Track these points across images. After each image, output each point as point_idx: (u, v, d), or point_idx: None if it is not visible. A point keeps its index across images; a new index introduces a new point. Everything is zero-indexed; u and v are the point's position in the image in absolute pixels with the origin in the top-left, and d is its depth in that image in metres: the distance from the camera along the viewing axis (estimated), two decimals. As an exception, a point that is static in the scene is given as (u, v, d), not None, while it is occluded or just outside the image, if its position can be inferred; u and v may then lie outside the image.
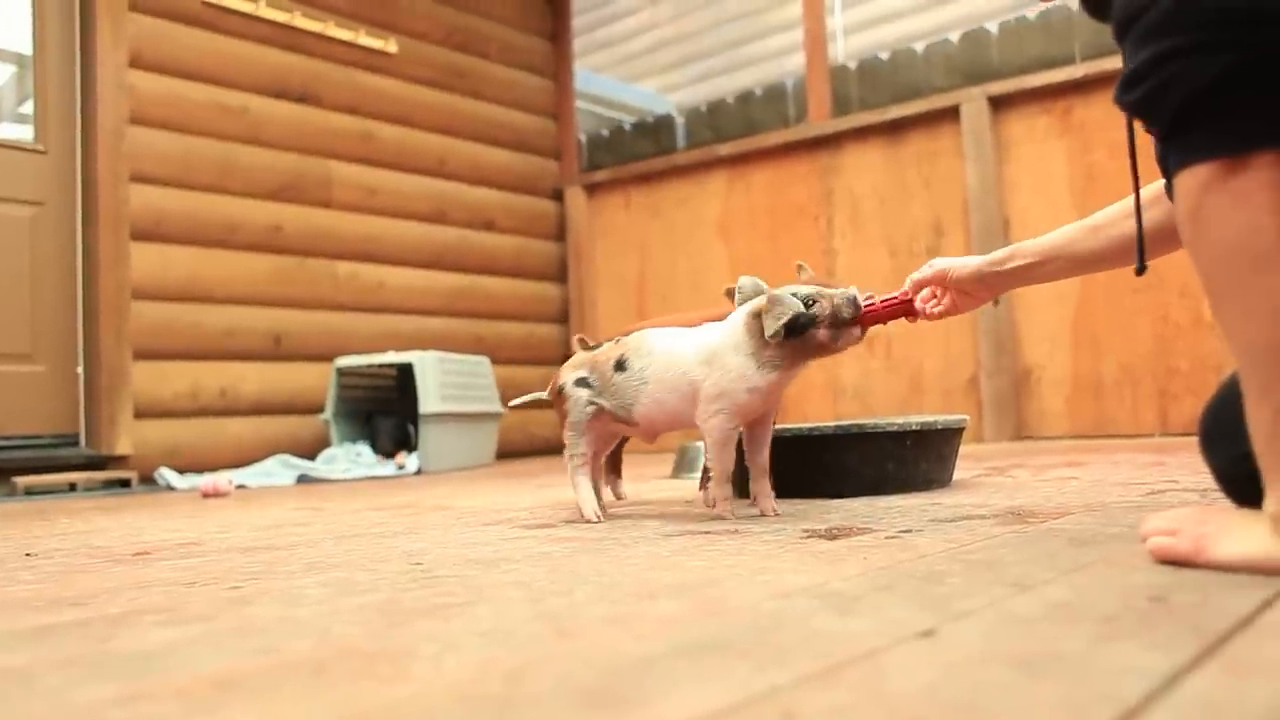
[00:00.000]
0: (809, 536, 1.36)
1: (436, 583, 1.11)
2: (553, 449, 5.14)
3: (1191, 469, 2.17)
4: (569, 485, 1.77)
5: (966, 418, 2.14)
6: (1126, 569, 0.98)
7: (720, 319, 1.69)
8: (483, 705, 0.61)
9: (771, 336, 1.50)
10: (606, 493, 2.06)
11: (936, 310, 1.61)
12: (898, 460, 1.94)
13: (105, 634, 0.89)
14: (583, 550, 1.33)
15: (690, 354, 1.60)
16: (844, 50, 4.51)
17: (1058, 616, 0.79)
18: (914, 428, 1.95)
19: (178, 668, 0.75)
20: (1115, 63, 3.70)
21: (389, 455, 4.06)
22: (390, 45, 4.58)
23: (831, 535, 1.36)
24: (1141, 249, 1.15)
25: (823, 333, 1.53)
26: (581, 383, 1.70)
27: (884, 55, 4.34)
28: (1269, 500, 0.91)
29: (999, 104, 4.00)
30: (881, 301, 1.63)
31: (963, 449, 2.87)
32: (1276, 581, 0.88)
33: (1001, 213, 3.96)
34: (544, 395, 1.83)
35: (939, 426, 2.00)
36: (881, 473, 1.92)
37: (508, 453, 4.71)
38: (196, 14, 3.95)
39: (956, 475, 2.25)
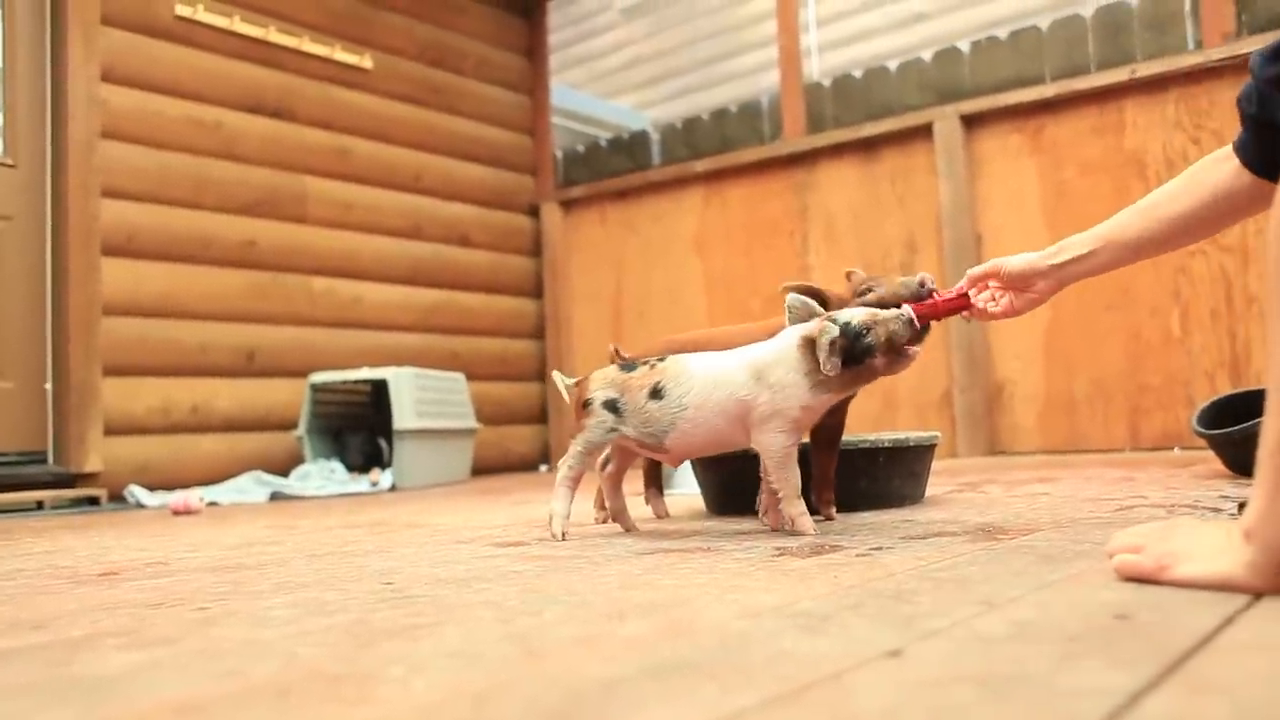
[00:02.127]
0: (781, 554, 1.36)
1: (407, 603, 1.10)
2: (528, 465, 5.13)
3: (1161, 485, 2.20)
4: (544, 502, 1.76)
5: (938, 434, 2.15)
6: (1093, 586, 0.99)
7: (751, 334, 1.69)
8: (447, 730, 0.61)
9: (829, 371, 1.49)
10: (626, 506, 2.02)
11: (995, 310, 1.60)
12: (870, 477, 1.95)
13: (65, 658, 0.88)
14: (555, 569, 1.33)
15: (739, 373, 1.57)
16: (818, 68, 4.54)
17: (1023, 636, 0.79)
18: (886, 445, 1.96)
19: (139, 693, 0.74)
20: (1084, 83, 3.76)
21: (361, 470, 4.04)
22: (365, 61, 4.57)
23: (803, 553, 1.36)
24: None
25: (879, 360, 1.52)
26: (610, 405, 1.64)
27: (858, 73, 4.38)
28: (1248, 513, 0.91)
29: (971, 122, 4.04)
30: (942, 298, 1.65)
31: (936, 464, 2.88)
32: (1239, 598, 0.89)
33: (974, 229, 3.99)
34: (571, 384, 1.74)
35: (911, 443, 2.01)
36: (854, 489, 1.92)
37: (483, 469, 4.69)
38: (169, 28, 3.93)
39: (929, 491, 2.27)
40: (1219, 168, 1.27)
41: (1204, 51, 3.56)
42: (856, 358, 1.51)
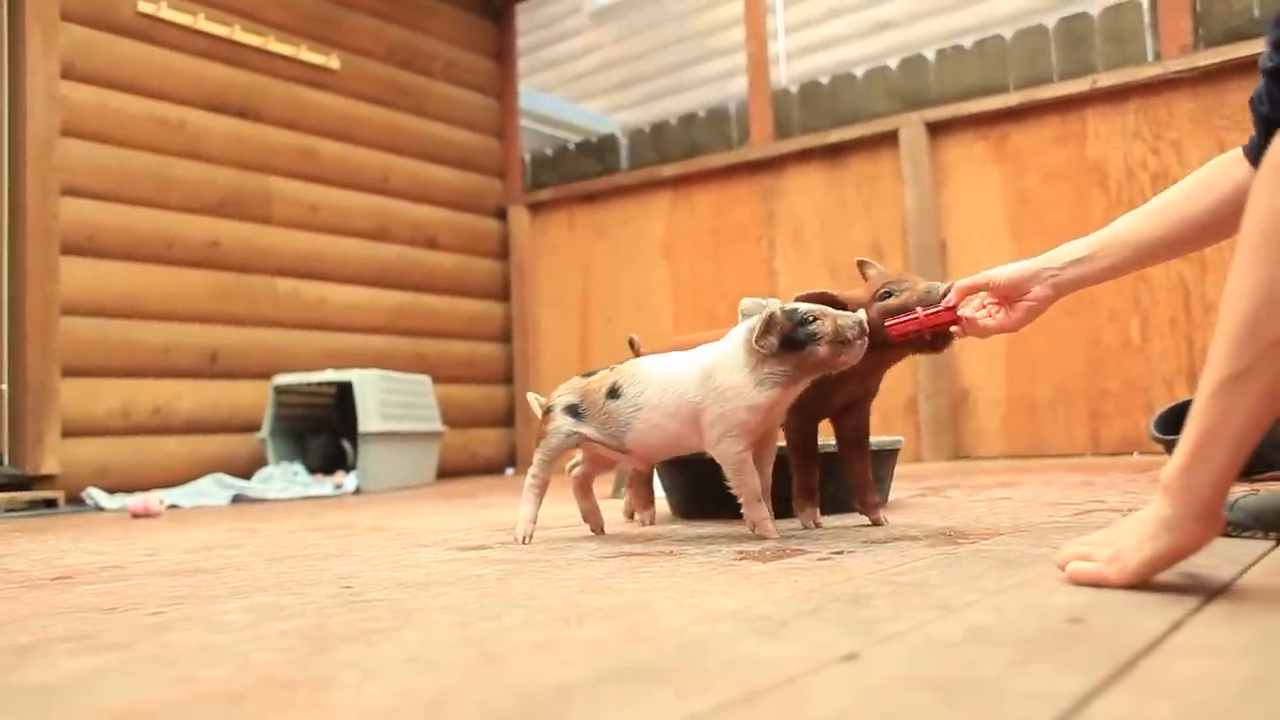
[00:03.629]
0: (742, 558, 1.36)
1: (365, 607, 1.09)
2: (493, 468, 5.11)
3: (1119, 489, 2.22)
4: (509, 506, 1.76)
5: (901, 439, 2.16)
6: (1048, 591, 1.00)
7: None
8: (399, 736, 0.61)
9: (758, 343, 1.47)
10: (604, 513, 2.04)
11: (990, 324, 1.51)
12: (836, 481, 1.96)
13: (12, 664, 0.86)
14: (516, 573, 1.32)
15: (689, 376, 1.56)
16: (786, 74, 4.56)
17: (978, 640, 0.80)
18: (850, 449, 1.97)
19: (85, 700, 0.72)
20: (1047, 92, 3.81)
21: (325, 473, 4.00)
22: (332, 61, 4.54)
23: (764, 557, 1.36)
24: None
25: (822, 349, 1.48)
26: (570, 410, 1.65)
27: (825, 80, 4.41)
28: (1168, 467, 0.94)
29: (936, 129, 4.08)
30: (925, 312, 1.55)
31: (901, 469, 2.90)
32: (1189, 601, 0.91)
33: (939, 235, 4.03)
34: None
35: (874, 448, 2.02)
36: (819, 493, 1.93)
37: (449, 472, 4.67)
38: (131, 25, 3.88)
39: (893, 495, 2.28)
40: (1231, 170, 1.23)
41: (1163, 63, 3.62)
42: (798, 343, 1.48)
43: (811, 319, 1.49)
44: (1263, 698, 0.62)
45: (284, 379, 4.03)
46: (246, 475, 3.94)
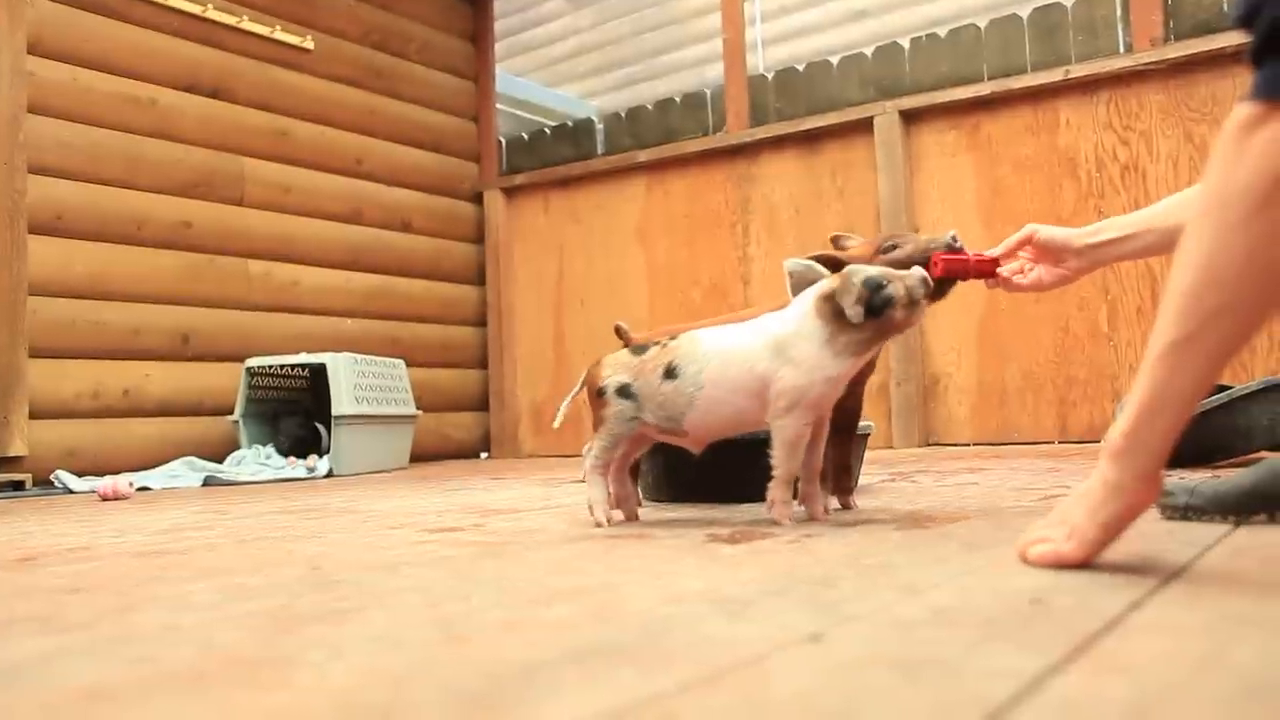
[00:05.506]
0: (712, 540, 1.37)
1: (333, 588, 1.09)
2: (466, 453, 5.10)
3: (1083, 475, 2.25)
4: (482, 489, 1.75)
5: (872, 425, 2.18)
6: (1012, 572, 1.01)
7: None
8: (363, 713, 0.61)
9: (850, 313, 1.42)
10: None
11: (1023, 282, 1.54)
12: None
13: (-25, 644, 0.86)
14: (486, 554, 1.32)
15: (756, 348, 1.49)
16: (763, 61, 4.56)
17: (941, 620, 0.81)
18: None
19: (46, 680, 0.72)
20: (1020, 82, 3.83)
21: (298, 456, 3.98)
22: (307, 42, 4.49)
23: (734, 540, 1.37)
24: None
25: (899, 313, 1.45)
26: (624, 391, 1.56)
27: (800, 67, 4.41)
28: (1113, 431, 0.97)
29: (910, 118, 4.09)
30: (974, 256, 1.58)
31: (871, 454, 2.93)
32: (1149, 581, 0.92)
33: (912, 223, 4.05)
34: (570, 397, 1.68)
35: (845, 433, 2.03)
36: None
37: (423, 456, 4.65)
38: (102, 1, 3.82)
39: (862, 480, 2.30)
40: None
41: (1133, 55, 3.65)
42: (877, 309, 1.44)
43: (886, 282, 1.45)
44: (1216, 676, 0.63)
45: (256, 361, 4.00)
46: (219, 458, 3.91)
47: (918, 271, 1.49)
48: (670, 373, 1.53)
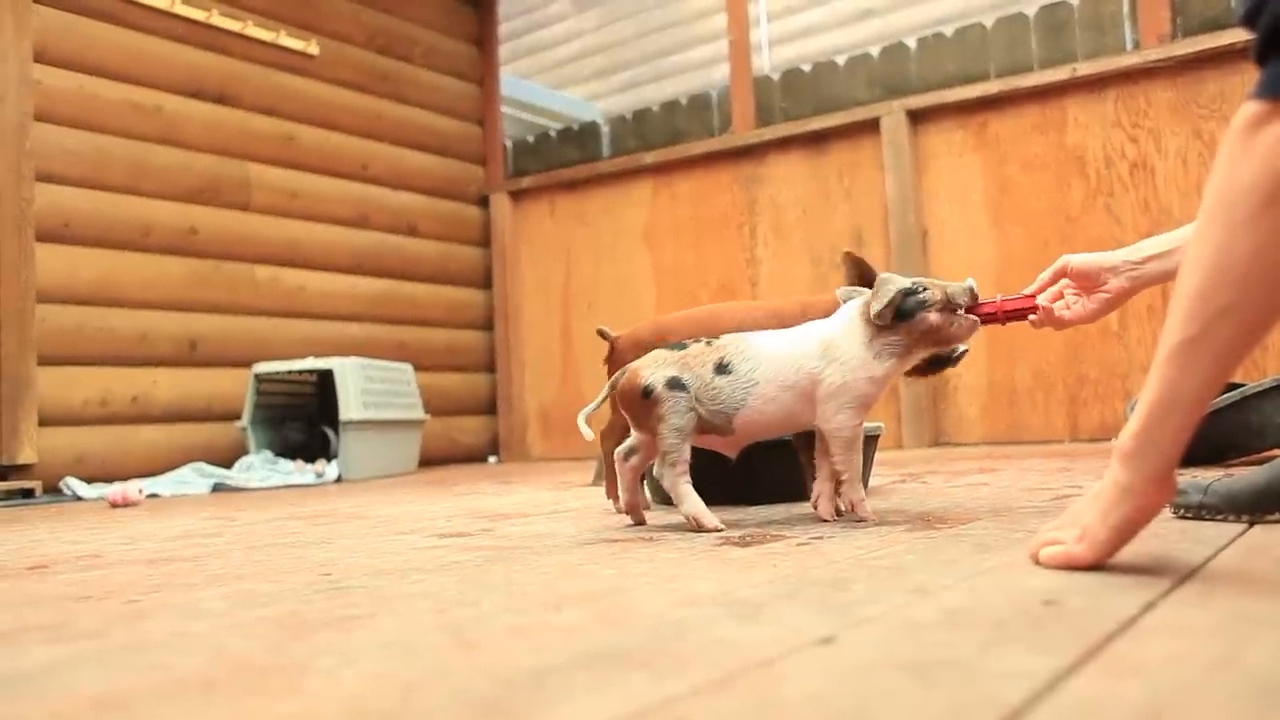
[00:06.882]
0: (722, 544, 1.36)
1: (343, 594, 1.09)
2: (474, 457, 5.10)
3: (1096, 475, 2.24)
4: (491, 493, 1.75)
5: (881, 425, 2.17)
6: (1024, 573, 1.01)
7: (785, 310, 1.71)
8: (373, 720, 0.60)
9: (877, 316, 1.49)
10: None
11: (1067, 315, 1.49)
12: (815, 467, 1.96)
13: (-14, 652, 0.86)
14: (495, 559, 1.32)
15: (806, 348, 1.54)
16: (768, 62, 4.56)
17: (953, 622, 0.81)
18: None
19: (57, 688, 0.72)
20: (1027, 81, 3.82)
21: (305, 460, 3.98)
22: (312, 47, 4.50)
23: (744, 542, 1.37)
24: None
25: (934, 316, 1.51)
26: (675, 383, 1.54)
27: (806, 68, 4.40)
28: (1124, 433, 0.96)
29: (917, 117, 4.08)
30: (1002, 300, 1.56)
31: (881, 455, 2.93)
32: (1162, 582, 0.92)
33: (920, 223, 4.04)
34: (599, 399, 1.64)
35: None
36: (798, 480, 1.94)
37: (430, 460, 4.66)
38: (107, 9, 3.83)
39: (873, 481, 2.29)
40: None
41: (1141, 52, 3.63)
42: (907, 313, 1.51)
43: (922, 288, 1.52)
44: (1230, 677, 0.62)
45: (264, 367, 4.01)
46: (227, 464, 3.92)
47: (967, 281, 1.55)
48: (722, 368, 1.56)
